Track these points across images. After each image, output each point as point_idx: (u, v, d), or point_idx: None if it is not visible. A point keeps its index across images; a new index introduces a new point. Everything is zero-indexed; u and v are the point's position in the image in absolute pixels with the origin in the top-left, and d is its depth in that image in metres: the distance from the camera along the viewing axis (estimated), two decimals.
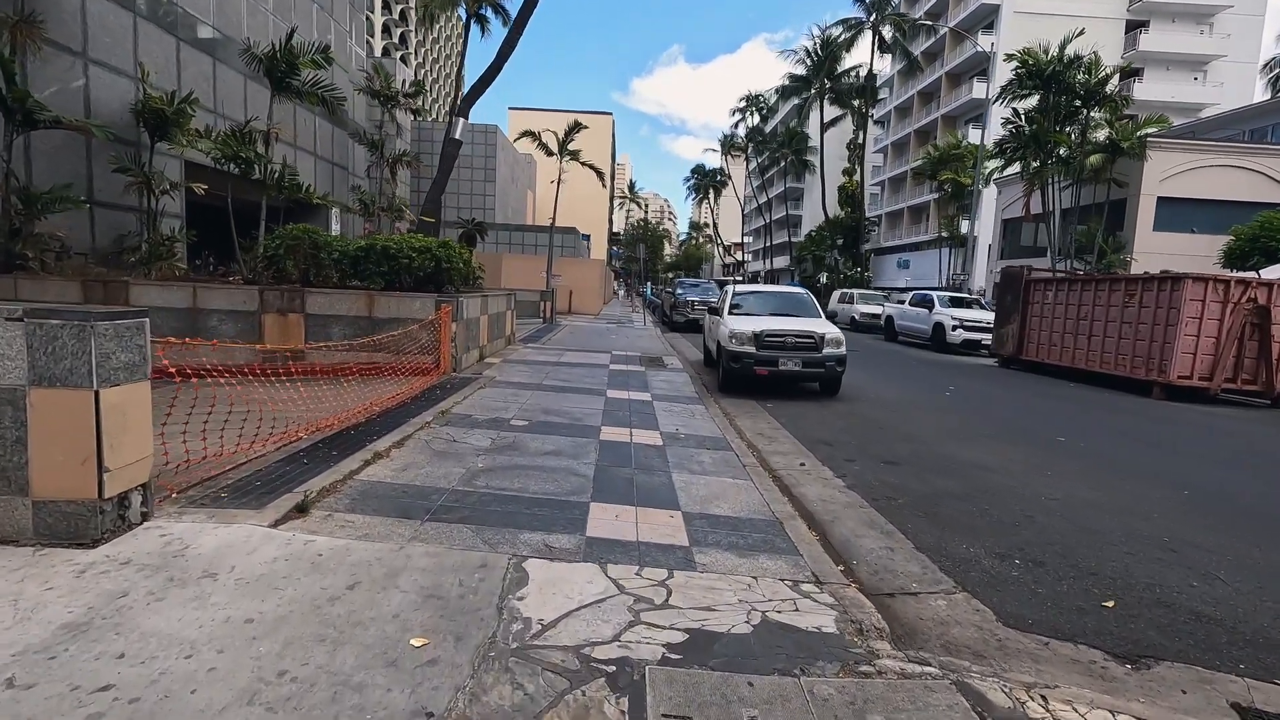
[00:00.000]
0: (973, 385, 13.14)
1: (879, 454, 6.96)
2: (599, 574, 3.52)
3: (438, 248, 10.52)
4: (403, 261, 10.29)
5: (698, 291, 25.43)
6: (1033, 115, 24.48)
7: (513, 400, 8.36)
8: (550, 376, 10.59)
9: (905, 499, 5.48)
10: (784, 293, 12.19)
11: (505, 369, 11.09)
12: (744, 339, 9.95)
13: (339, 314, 10.05)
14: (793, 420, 8.56)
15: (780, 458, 6.63)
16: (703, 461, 6.10)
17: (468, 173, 46.17)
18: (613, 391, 9.59)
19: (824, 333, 10.05)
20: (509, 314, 14.67)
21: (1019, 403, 11.25)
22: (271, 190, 11.93)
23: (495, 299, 13.11)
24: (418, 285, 10.70)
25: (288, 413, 6.12)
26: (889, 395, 11.18)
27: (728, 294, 11.76)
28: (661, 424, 7.61)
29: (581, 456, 5.90)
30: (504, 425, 6.91)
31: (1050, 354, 15.68)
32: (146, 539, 3.40)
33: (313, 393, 6.90)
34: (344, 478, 4.67)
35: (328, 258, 10.36)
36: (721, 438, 7.17)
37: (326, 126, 21.84)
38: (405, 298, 10.09)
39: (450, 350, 10.10)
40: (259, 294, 9.95)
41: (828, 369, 9.92)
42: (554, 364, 12.10)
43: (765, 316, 11.01)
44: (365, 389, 7.78)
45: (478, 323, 11.61)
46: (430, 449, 5.74)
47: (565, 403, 8.45)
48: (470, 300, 10.99)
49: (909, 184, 52.22)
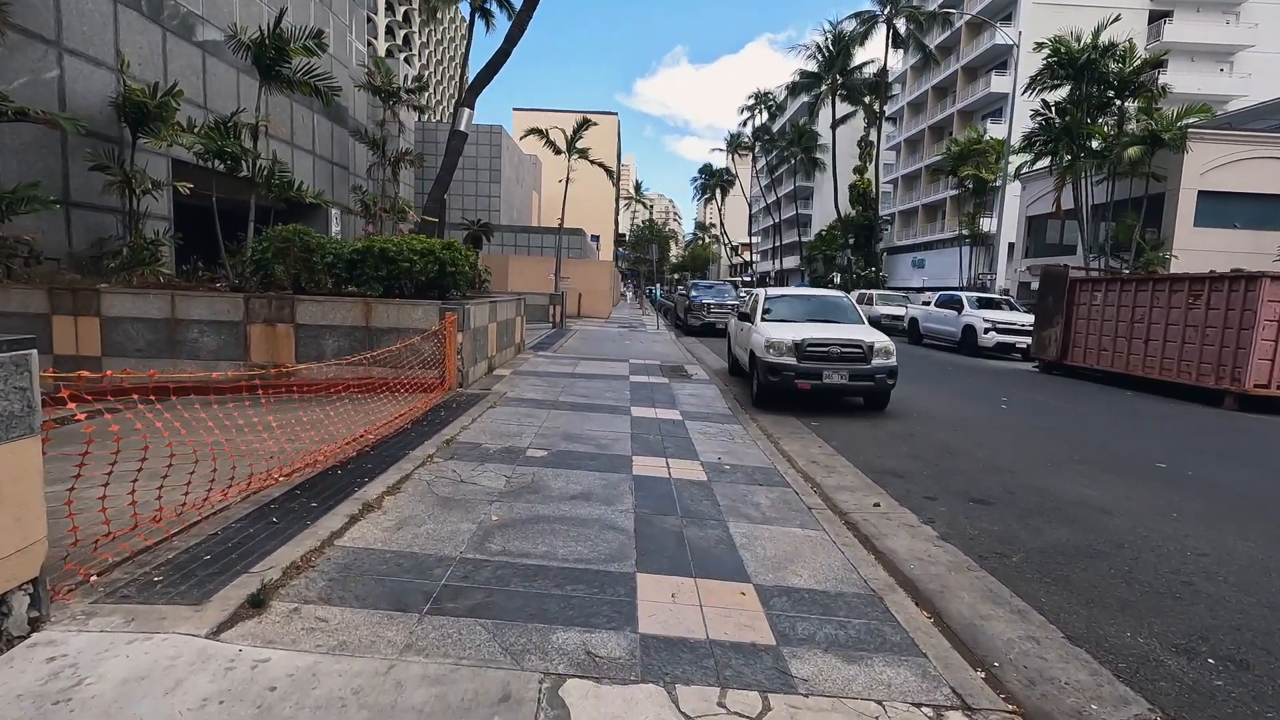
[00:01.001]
0: (1026, 395, 12.05)
1: (962, 488, 5.91)
2: (667, 707, 2.50)
3: (441, 249, 9.53)
4: (403, 265, 9.30)
5: (713, 293, 24.38)
6: (1063, 106, 23.34)
7: (527, 422, 7.34)
8: (567, 391, 9.57)
9: (1019, 555, 4.43)
10: (821, 296, 11.14)
11: (517, 383, 10.08)
12: (783, 349, 8.91)
13: (333, 324, 9.06)
14: (846, 443, 7.51)
15: (847, 495, 5.59)
16: (759, 504, 5.07)
17: (472, 174, 45.35)
18: (637, 409, 8.57)
19: (872, 341, 9.00)
20: (518, 320, 13.68)
21: (1086, 417, 10.17)
22: (260, 188, 10.96)
23: (504, 304, 12.11)
24: (419, 291, 9.71)
25: (266, 446, 5.13)
26: (940, 408, 10.12)
27: (759, 298, 10.72)
28: (700, 451, 6.58)
29: (616, 500, 4.87)
30: (520, 457, 5.89)
31: (1100, 359, 14.57)
32: (25, 666, 2.40)
33: (299, 418, 5.91)
34: (321, 544, 3.65)
35: (320, 261, 9.38)
36: (772, 468, 6.13)
37: (326, 124, 20.93)
38: (406, 305, 9.10)
39: (456, 364, 9.10)
40: (244, 302, 8.98)
41: (878, 382, 8.87)
42: (569, 375, 11.09)
43: (803, 323, 9.97)
44: (359, 412, 6.78)
45: (486, 331, 10.61)
46: (433, 494, 4.72)
47: (587, 424, 7.43)
48: (477, 307, 9.99)
49: (923, 181, 51.05)
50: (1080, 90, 22.93)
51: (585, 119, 26.29)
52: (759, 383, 9.31)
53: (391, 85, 21.32)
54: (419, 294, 9.69)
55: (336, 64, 21.27)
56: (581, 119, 26.13)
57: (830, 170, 51.56)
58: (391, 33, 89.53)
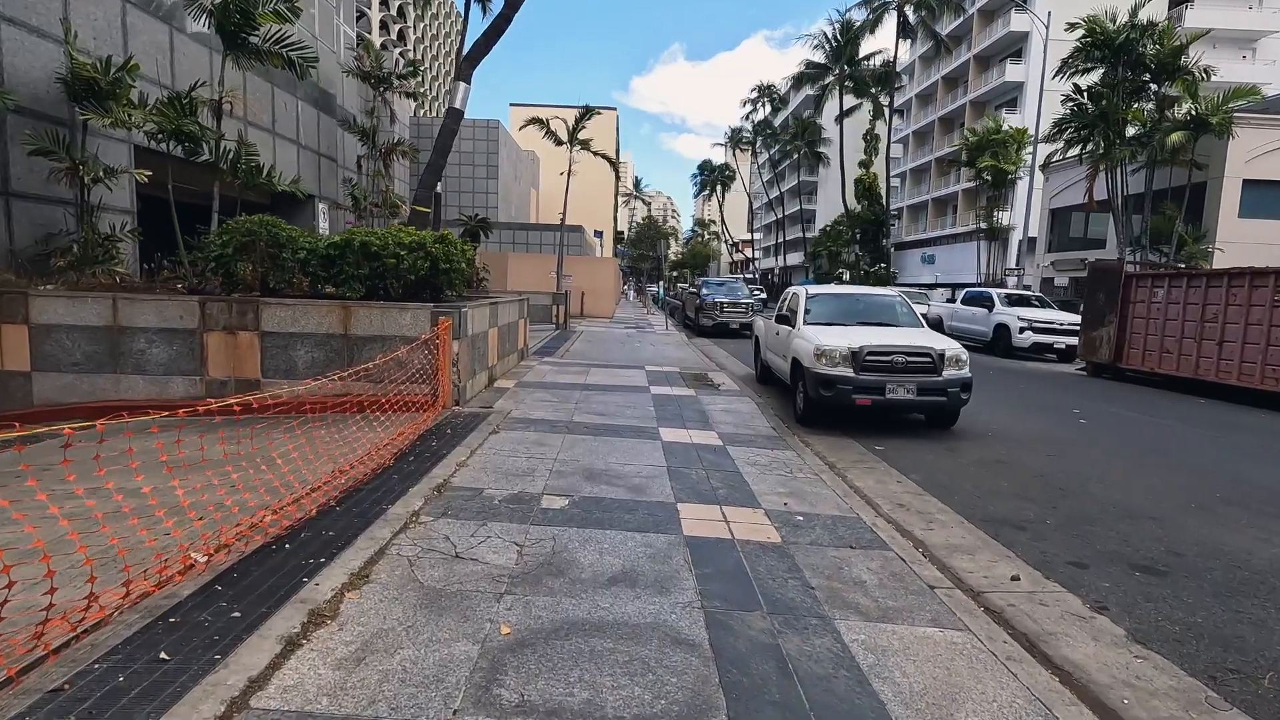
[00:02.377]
0: (1094, 405, 10.69)
1: (1111, 548, 4.55)
2: None
3: (434, 243, 8.15)
4: (388, 261, 7.92)
5: (725, 292, 22.99)
6: (1097, 91, 21.98)
7: (538, 454, 5.97)
8: (581, 408, 8.20)
9: (1267, 673, 3.07)
10: (871, 295, 9.76)
11: (522, 398, 8.70)
12: (837, 358, 7.54)
13: (305, 332, 7.68)
14: (928, 476, 6.16)
15: (967, 561, 4.23)
16: (864, 581, 3.71)
17: (469, 170, 43.99)
18: (667, 430, 7.20)
19: (943, 349, 7.64)
20: (521, 323, 12.30)
21: (1182, 435, 8.83)
22: (226, 175, 9.56)
23: (506, 306, 10.73)
24: (408, 293, 8.34)
25: (200, 500, 3.78)
26: (1008, 423, 8.77)
27: (799, 298, 9.33)
28: (758, 492, 5.22)
29: (671, 585, 3.51)
30: (533, 510, 4.52)
31: (1162, 362, 13.23)
32: None
33: (251, 454, 4.54)
34: (228, 710, 2.27)
35: (291, 258, 7.99)
36: (856, 518, 4.78)
37: (312, 112, 19.51)
38: (391, 309, 7.72)
39: (451, 378, 7.72)
40: (199, 307, 7.59)
41: (950, 397, 7.50)
42: (581, 387, 9.72)
43: (853, 326, 8.60)
44: (333, 440, 5.40)
45: (486, 338, 9.23)
46: (416, 583, 3.35)
47: (612, 454, 6.06)
48: (476, 310, 8.61)
49: (933, 175, 49.68)
50: (1115, 73, 21.57)
51: (588, 108, 24.87)
52: (806, 397, 7.94)
53: (381, 70, 19.88)
54: (408, 295, 8.32)
55: (322, 48, 19.86)
56: (584, 108, 24.71)
57: (838, 164, 50.22)
58: (386, 27, 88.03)
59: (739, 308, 21.70)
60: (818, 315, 8.99)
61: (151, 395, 7.68)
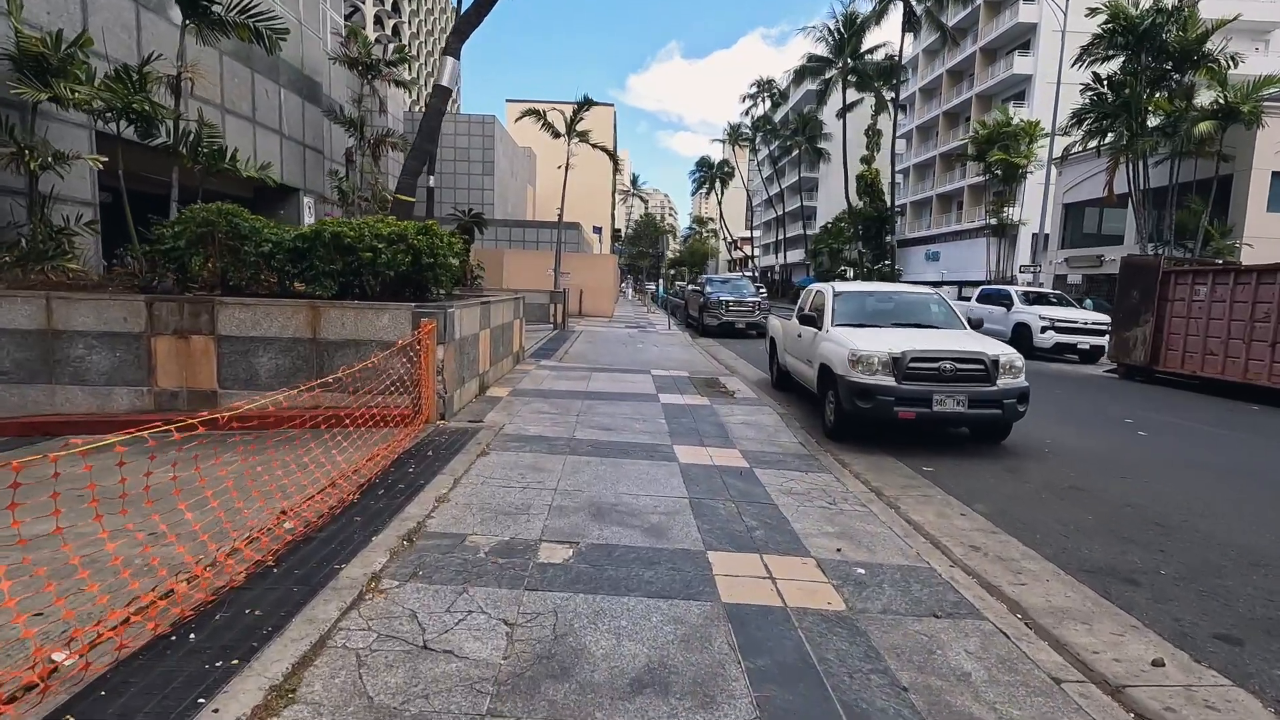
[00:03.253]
0: (1144, 414, 9.77)
1: (1264, 613, 3.62)
2: None
3: (417, 235, 7.19)
4: (364, 256, 6.96)
5: (730, 289, 22.02)
6: (1118, 80, 21.08)
7: (535, 482, 5.02)
8: (583, 421, 7.25)
9: None
10: (907, 294, 8.80)
11: (517, 410, 7.75)
12: (875, 365, 6.60)
13: (267, 336, 6.72)
14: (995, 506, 5.23)
15: (1084, 633, 3.30)
16: (966, 673, 2.78)
17: (464, 166, 42.94)
18: (684, 449, 6.26)
19: (997, 354, 6.71)
20: (517, 324, 11.35)
21: (1260, 448, 7.92)
22: (185, 159, 8.58)
23: (499, 306, 9.77)
24: (389, 291, 7.38)
25: (99, 554, 2.84)
26: (1059, 435, 7.86)
27: (825, 296, 8.38)
28: (803, 534, 4.28)
29: (716, 693, 2.56)
30: (528, 566, 3.57)
31: (1205, 365, 12.31)
32: None
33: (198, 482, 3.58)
34: None
35: (254, 252, 7.02)
36: (927, 569, 3.85)
37: (296, 101, 18.47)
38: (367, 310, 6.76)
39: (436, 388, 6.76)
40: (145, 307, 6.61)
41: (1006, 409, 6.57)
42: (582, 395, 8.77)
43: (888, 329, 7.67)
44: (293, 463, 4.44)
45: (476, 342, 8.27)
46: (362, 701, 2.39)
47: (622, 482, 5.12)
48: (465, 311, 7.65)
49: (937, 170, 48.75)
50: (1137, 61, 20.66)
51: (586, 99, 23.90)
52: (838, 408, 7.00)
53: (369, 57, 18.88)
54: (388, 294, 7.36)
55: (307, 33, 18.85)
56: (583, 98, 23.73)
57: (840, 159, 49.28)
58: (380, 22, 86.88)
59: (745, 306, 20.76)
60: (847, 315, 8.05)
61: (92, 409, 6.71)
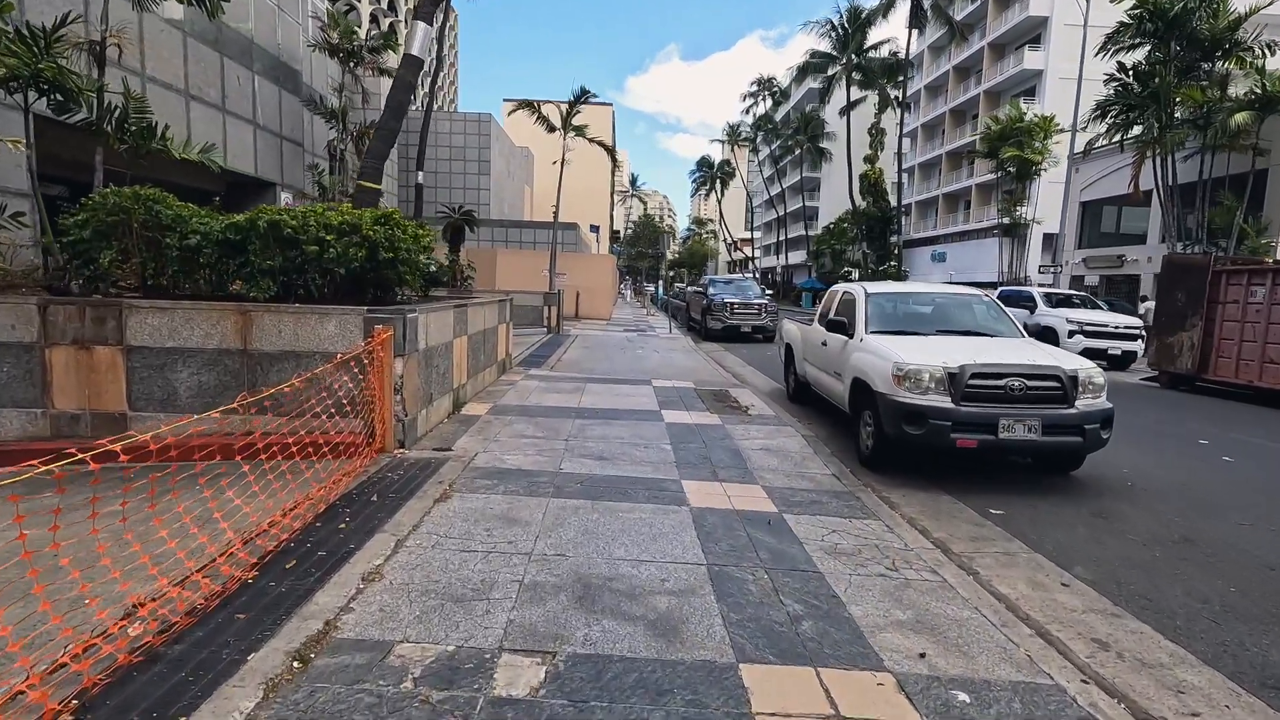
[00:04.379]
0: (1214, 431, 8.60)
1: None
2: None
3: (372, 225, 6.01)
4: (308, 249, 5.78)
5: (734, 291, 20.82)
6: (1144, 70, 19.95)
7: (505, 543, 3.84)
8: (574, 446, 6.07)
9: None
10: (950, 295, 7.58)
11: (495, 432, 6.56)
12: (927, 381, 5.42)
13: (189, 346, 5.53)
14: (1097, 568, 4.05)
15: None
16: None
17: (460, 165, 41.75)
18: (695, 486, 5.08)
19: (1074, 370, 5.53)
20: (502, 329, 10.16)
21: None
22: (111, 138, 7.39)
23: (480, 310, 8.59)
24: (343, 292, 6.20)
25: None
26: (1138, 462, 6.67)
27: (857, 298, 7.19)
28: (869, 627, 3.10)
29: None
30: (474, 704, 2.37)
31: (1264, 374, 11.15)
32: None
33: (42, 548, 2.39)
34: None
35: (176, 245, 5.83)
36: (1055, 687, 2.68)
37: (271, 89, 17.27)
38: (309, 315, 5.58)
39: (394, 408, 5.58)
40: (38, 312, 5.43)
41: (1089, 437, 5.39)
42: (574, 412, 7.59)
43: (934, 337, 6.50)
44: (183, 524, 3.25)
45: (449, 351, 7.08)
46: None
47: (620, 537, 3.94)
48: (434, 316, 6.47)
49: (943, 169, 47.63)
50: (1166, 50, 19.54)
51: (584, 90, 22.75)
52: (879, 432, 5.83)
53: (351, 43, 17.70)
54: (344, 296, 6.19)
55: (285, 19, 17.67)
56: (580, 89, 22.58)
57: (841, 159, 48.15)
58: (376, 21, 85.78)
59: (751, 309, 19.58)
60: (883, 321, 6.87)
61: None
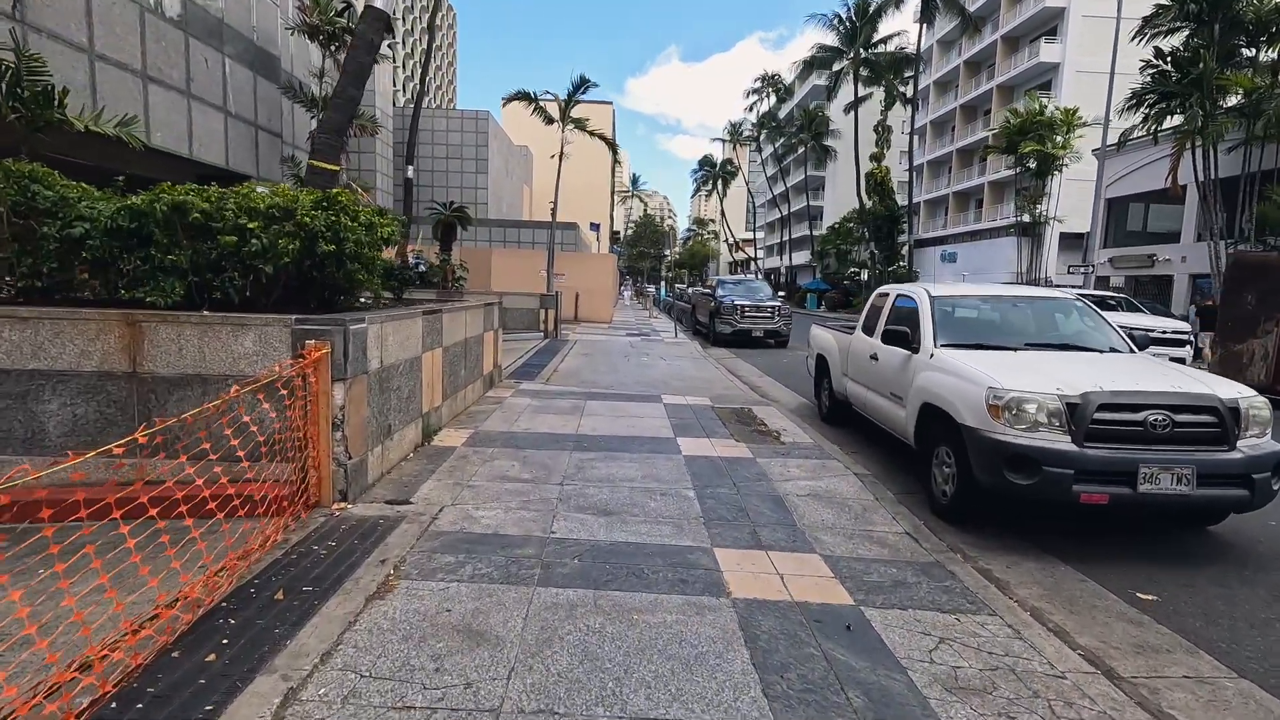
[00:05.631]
0: None
1: None
2: None
3: (310, 210, 4.66)
4: (225, 241, 4.42)
5: (744, 292, 19.47)
6: (1183, 56, 18.65)
7: (454, 698, 2.47)
8: (570, 494, 4.72)
9: None
10: (1033, 299, 6.19)
11: (471, 473, 5.20)
12: (1035, 415, 4.08)
13: (60, 369, 4.18)
14: None
15: None
16: None
17: (457, 163, 40.49)
18: (733, 561, 3.73)
19: (1234, 398, 4.19)
20: (489, 337, 8.81)
21: None
22: (2, 107, 6.05)
23: (461, 316, 7.23)
24: (278, 296, 4.85)
25: None
26: None
27: (921, 303, 5.83)
28: None
29: None
30: None
31: None
32: None
33: None
34: None
35: (55, 235, 4.48)
36: None
37: (245, 74, 15.93)
38: (219, 327, 4.22)
39: (335, 451, 4.22)
40: None
41: (1258, 490, 4.04)
42: (571, 442, 6.23)
43: (1025, 351, 5.17)
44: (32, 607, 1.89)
45: (415, 370, 5.72)
46: None
47: (636, 668, 2.59)
48: (394, 326, 5.11)
49: (953, 167, 46.30)
50: (1209, 33, 18.23)
51: (583, 79, 21.43)
52: (967, 479, 4.47)
53: (332, 24, 16.39)
54: (279, 301, 4.84)
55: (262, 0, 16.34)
56: (579, 78, 21.26)
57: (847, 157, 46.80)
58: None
59: (763, 312, 18.23)
60: (955, 331, 5.52)
61: None
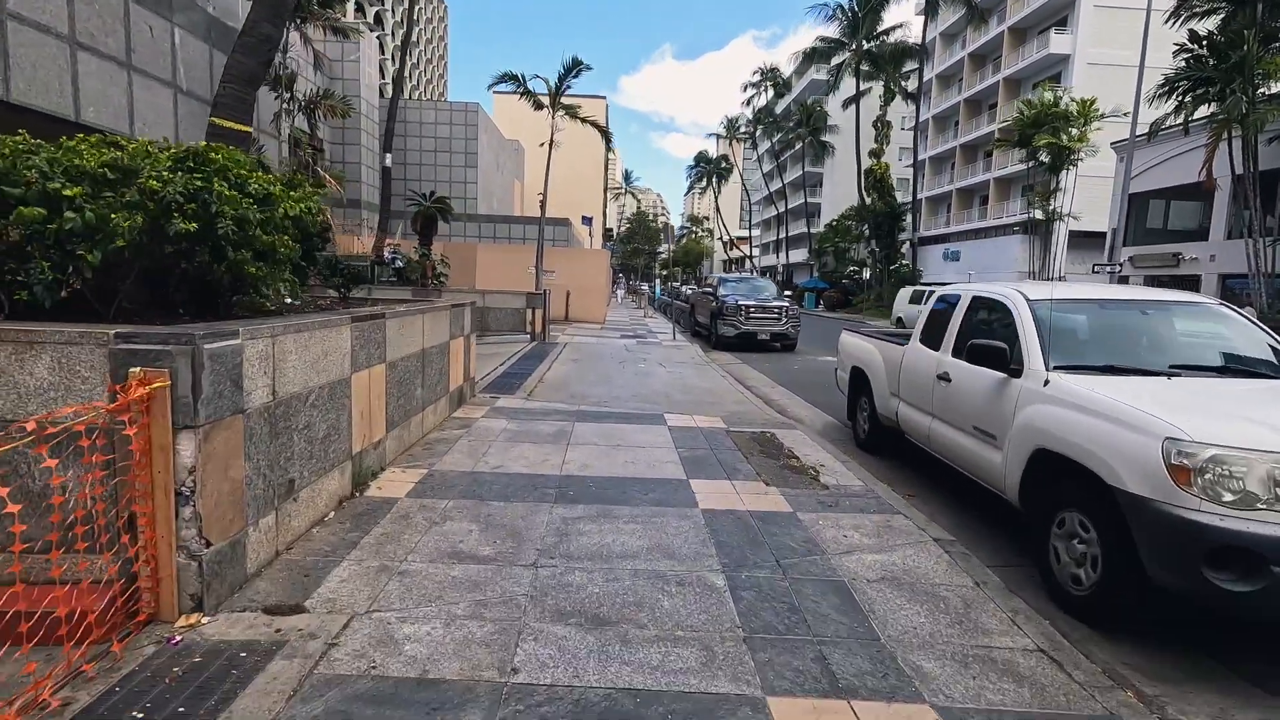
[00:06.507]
0: None
1: None
2: None
3: (168, 169, 3.17)
4: (27, 215, 2.93)
5: (748, 292, 18.00)
6: (1222, 40, 17.36)
7: None
8: (545, 587, 3.25)
9: None
10: (1163, 304, 4.69)
11: (406, 549, 3.71)
12: (1248, 483, 2.65)
13: None
14: None
15: None
16: None
17: (445, 156, 38.82)
18: (787, 707, 2.29)
19: None
20: (456, 346, 7.30)
21: None
22: None
23: (416, 322, 5.74)
24: (120, 294, 3.36)
25: None
26: None
27: (1019, 312, 4.35)
28: None
29: None
30: None
31: None
32: None
33: None
34: None
35: None
36: None
37: (199, 47, 14.22)
38: (2, 344, 2.74)
39: (177, 536, 2.73)
40: None
41: None
42: (553, 489, 4.76)
43: (1180, 378, 3.74)
44: None
45: (338, 399, 4.21)
46: None
47: None
48: (299, 340, 3.62)
49: (957, 163, 45.04)
50: (1250, 16, 16.94)
51: (576, 60, 19.94)
52: (1132, 570, 3.04)
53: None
54: (121, 304, 3.35)
55: None
56: (572, 60, 19.77)
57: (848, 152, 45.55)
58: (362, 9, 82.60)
59: (769, 313, 16.80)
60: (1074, 350, 4.08)
61: None
